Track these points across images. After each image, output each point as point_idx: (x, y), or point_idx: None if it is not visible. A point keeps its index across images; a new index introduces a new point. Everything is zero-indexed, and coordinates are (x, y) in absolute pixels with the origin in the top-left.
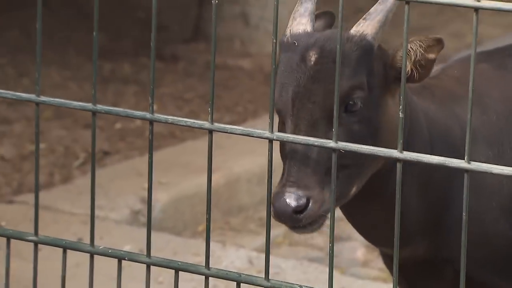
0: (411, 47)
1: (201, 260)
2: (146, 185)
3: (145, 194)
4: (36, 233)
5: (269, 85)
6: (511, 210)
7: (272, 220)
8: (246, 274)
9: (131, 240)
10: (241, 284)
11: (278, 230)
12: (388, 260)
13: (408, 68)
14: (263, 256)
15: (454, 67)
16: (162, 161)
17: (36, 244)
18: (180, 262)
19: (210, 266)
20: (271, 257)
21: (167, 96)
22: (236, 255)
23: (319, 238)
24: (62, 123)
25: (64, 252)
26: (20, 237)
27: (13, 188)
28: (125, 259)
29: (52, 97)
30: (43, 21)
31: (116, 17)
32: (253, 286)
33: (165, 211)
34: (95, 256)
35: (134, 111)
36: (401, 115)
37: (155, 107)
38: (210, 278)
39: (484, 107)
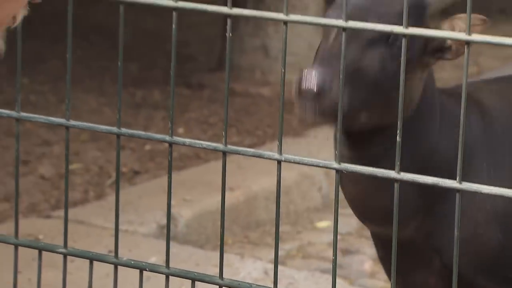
0: (457, 23)
1: (224, 272)
2: (172, 202)
3: (172, 211)
4: (65, 245)
5: (287, 111)
6: (503, 213)
7: (286, 235)
8: (256, 285)
9: (157, 252)
10: None
11: (292, 244)
12: (376, 240)
13: (450, 42)
14: (280, 267)
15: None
16: (187, 180)
17: (65, 256)
18: (196, 273)
19: (224, 276)
20: (285, 269)
21: (193, 120)
22: (253, 267)
23: (330, 251)
24: (97, 145)
25: (91, 263)
26: (51, 250)
27: (51, 204)
28: (146, 270)
29: (89, 121)
30: (83, 52)
31: (148, 49)
32: None
33: (189, 226)
34: (121, 267)
35: (155, 134)
36: (398, 139)
37: (182, 130)
38: None
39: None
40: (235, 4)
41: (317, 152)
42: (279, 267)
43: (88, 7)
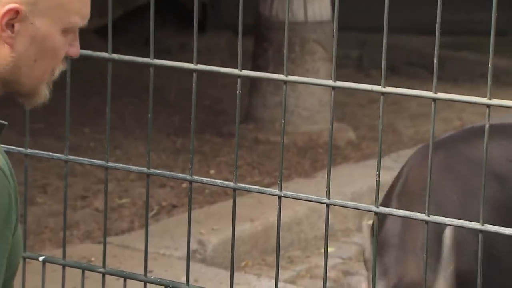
0: None
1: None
2: (202, 231)
3: (201, 237)
4: (103, 266)
5: (301, 156)
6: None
7: (297, 259)
8: None
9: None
10: None
11: (302, 266)
12: None
13: None
14: (289, 285)
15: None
16: (216, 212)
17: (103, 274)
18: None
19: None
20: (295, 287)
21: (223, 163)
22: (267, 285)
23: (333, 272)
24: (142, 183)
25: (125, 281)
26: (92, 269)
27: (102, 232)
28: (169, 286)
29: (137, 164)
30: (135, 107)
31: (188, 105)
32: None
33: (215, 250)
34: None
35: (177, 174)
36: (377, 178)
37: (213, 171)
38: None
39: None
40: (259, 67)
41: (323, 190)
42: (291, 286)
43: (140, 70)
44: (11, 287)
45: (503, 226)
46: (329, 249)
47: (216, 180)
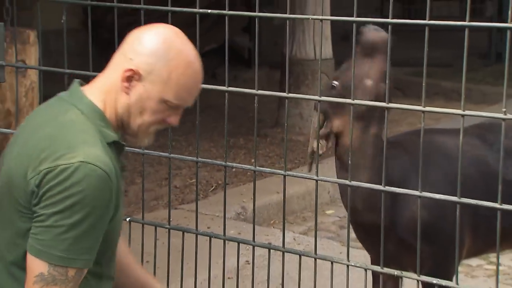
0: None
1: (270, 239)
2: (244, 200)
3: (244, 204)
4: (169, 223)
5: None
6: (428, 205)
7: (308, 218)
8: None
9: (234, 228)
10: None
11: (311, 223)
12: (362, 240)
13: None
14: (302, 236)
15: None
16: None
17: (169, 230)
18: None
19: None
20: (306, 237)
21: (260, 155)
22: (287, 235)
23: (333, 227)
24: (205, 169)
25: (183, 234)
26: (162, 226)
27: (179, 202)
28: (212, 237)
29: (202, 157)
30: (202, 118)
31: (239, 116)
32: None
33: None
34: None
35: (217, 161)
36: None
37: (252, 160)
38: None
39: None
40: (283, 90)
41: (328, 171)
42: (303, 236)
43: (204, 93)
44: (113, 255)
45: (453, 195)
46: (329, 211)
47: (241, 165)
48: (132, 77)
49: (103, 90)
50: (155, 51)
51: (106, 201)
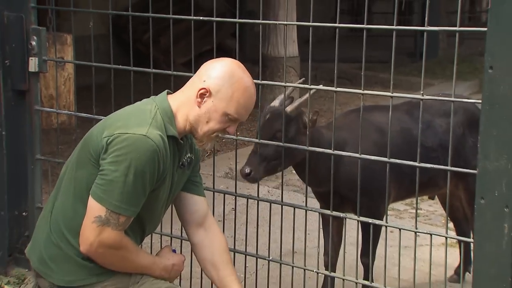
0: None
1: (250, 192)
2: (231, 163)
3: (231, 166)
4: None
5: None
6: (362, 164)
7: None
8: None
9: (224, 184)
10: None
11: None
12: (317, 195)
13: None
14: (275, 189)
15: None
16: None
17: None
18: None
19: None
20: (277, 190)
21: (244, 129)
22: (262, 189)
23: (299, 182)
24: None
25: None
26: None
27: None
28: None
29: None
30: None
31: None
32: None
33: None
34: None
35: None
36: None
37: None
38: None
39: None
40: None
41: None
42: (275, 189)
43: None
44: (152, 217)
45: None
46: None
47: (228, 136)
48: (204, 94)
49: (180, 100)
50: (223, 76)
51: (154, 170)
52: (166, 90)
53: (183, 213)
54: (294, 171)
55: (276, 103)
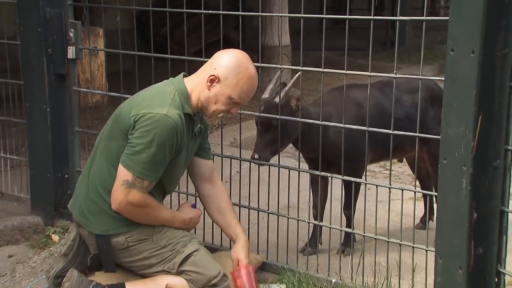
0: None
1: None
2: (235, 134)
3: (235, 136)
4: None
5: None
6: (345, 134)
7: None
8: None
9: (230, 151)
10: None
11: None
12: (307, 160)
13: (294, 106)
14: None
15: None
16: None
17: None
18: (235, 156)
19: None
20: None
21: (246, 107)
22: None
23: (291, 149)
24: None
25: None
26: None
27: None
28: (214, 155)
29: None
30: None
31: None
32: None
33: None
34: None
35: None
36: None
37: None
38: None
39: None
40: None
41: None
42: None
43: None
44: (172, 180)
45: (363, 125)
46: None
47: (240, 111)
48: (214, 80)
49: (194, 83)
50: (230, 66)
51: (172, 143)
52: (183, 73)
53: (195, 173)
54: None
55: (267, 94)
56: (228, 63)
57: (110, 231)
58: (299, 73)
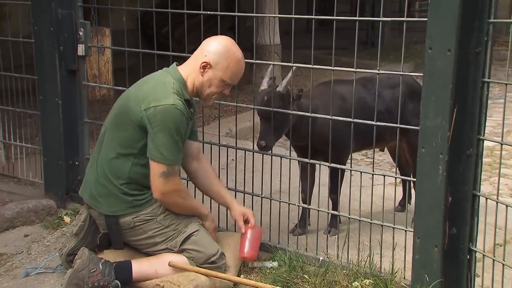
0: (295, 90)
1: (245, 146)
2: (231, 125)
3: (231, 127)
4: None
5: None
6: (332, 125)
7: None
8: (247, 148)
9: (226, 141)
10: None
11: None
12: (296, 148)
13: (295, 96)
14: None
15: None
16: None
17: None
18: (231, 145)
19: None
20: None
21: (240, 100)
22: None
23: (282, 139)
24: None
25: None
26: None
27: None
28: (211, 144)
29: None
30: None
31: None
32: None
33: (238, 131)
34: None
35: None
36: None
37: None
38: None
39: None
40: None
41: None
42: None
43: None
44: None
45: (348, 118)
46: None
47: (228, 103)
48: (206, 66)
49: (188, 70)
50: (220, 52)
51: (184, 126)
52: (175, 63)
53: (184, 152)
54: None
55: (265, 85)
56: (217, 49)
57: (118, 212)
58: (293, 68)
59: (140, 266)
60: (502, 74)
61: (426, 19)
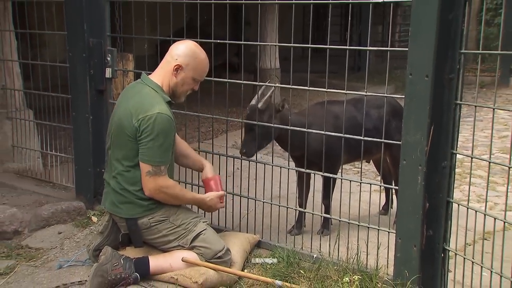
0: (275, 106)
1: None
2: (236, 138)
3: (237, 140)
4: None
5: None
6: (321, 139)
7: None
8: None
9: (232, 152)
10: None
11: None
12: (293, 158)
13: (278, 107)
14: (266, 156)
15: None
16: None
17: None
18: (237, 156)
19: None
20: (267, 156)
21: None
22: (258, 155)
23: (281, 151)
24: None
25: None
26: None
27: (203, 139)
28: (219, 155)
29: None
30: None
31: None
32: None
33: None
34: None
35: (208, 115)
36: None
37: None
38: None
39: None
40: (255, 85)
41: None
42: (266, 156)
43: (216, 82)
44: (172, 160)
45: (340, 133)
46: None
47: (233, 119)
48: (178, 68)
49: (161, 75)
50: (188, 54)
51: (172, 131)
52: (144, 73)
53: None
54: (277, 144)
55: (253, 102)
56: (185, 52)
57: (136, 215)
58: (273, 88)
59: (156, 261)
60: (469, 96)
61: (407, 48)
